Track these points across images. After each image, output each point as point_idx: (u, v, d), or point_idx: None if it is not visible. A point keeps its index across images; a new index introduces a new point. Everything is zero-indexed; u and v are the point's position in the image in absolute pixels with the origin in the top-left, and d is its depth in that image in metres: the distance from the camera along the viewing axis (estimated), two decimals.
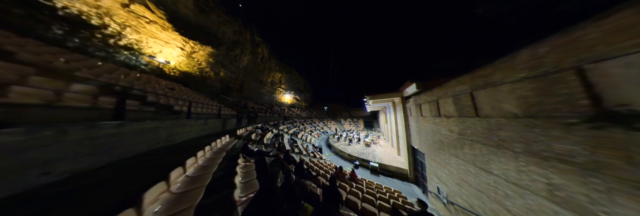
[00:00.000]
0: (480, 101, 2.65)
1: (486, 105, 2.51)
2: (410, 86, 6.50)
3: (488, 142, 2.49)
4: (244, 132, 5.75)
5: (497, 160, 2.35)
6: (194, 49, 11.68)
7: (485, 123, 2.55)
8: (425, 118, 5.65)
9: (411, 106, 7.46)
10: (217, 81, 14.24)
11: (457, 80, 3.25)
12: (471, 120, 2.91)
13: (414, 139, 7.67)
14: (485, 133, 2.54)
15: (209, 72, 13.38)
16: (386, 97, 9.32)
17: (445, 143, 4.17)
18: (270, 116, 14.84)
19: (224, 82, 15.19)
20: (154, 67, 9.32)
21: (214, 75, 13.88)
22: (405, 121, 8.63)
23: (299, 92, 33.84)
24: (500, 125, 2.27)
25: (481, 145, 2.65)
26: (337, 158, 11.90)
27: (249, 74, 19.49)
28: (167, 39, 9.60)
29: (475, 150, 2.84)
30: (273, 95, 25.91)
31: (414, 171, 8.35)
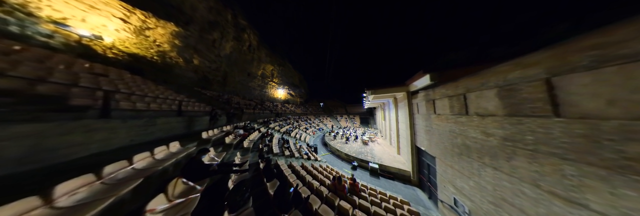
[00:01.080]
0: (570, 92, 1.65)
1: (588, 99, 1.52)
2: (420, 78, 5.49)
3: (586, 159, 1.54)
4: (216, 134, 4.57)
5: (605, 191, 1.42)
6: (147, 24, 8.67)
7: (580, 128, 1.57)
8: (440, 117, 4.73)
9: (420, 102, 6.52)
10: (189, 70, 11.50)
11: (515, 63, 2.22)
12: (540, 121, 1.94)
13: (420, 139, 6.84)
14: (579, 145, 1.58)
15: (176, 58, 10.55)
16: (389, 91, 8.33)
17: (473, 149, 3.26)
18: (259, 112, 13.51)
19: (201, 73, 12.65)
20: (71, 42, 6.01)
21: (184, 63, 11.05)
22: (410, 119, 7.75)
23: (294, 87, 32.10)
24: (625, 133, 1.30)
25: (563, 160, 1.71)
26: (333, 158, 11.05)
27: (234, 65, 16.92)
28: (92, 1, 6.41)
29: (544, 167, 1.90)
30: (264, 90, 23.63)
31: (418, 173, 7.64)
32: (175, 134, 4.20)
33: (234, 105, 11.13)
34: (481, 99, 2.93)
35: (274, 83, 25.82)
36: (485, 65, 3.07)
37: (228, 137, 4.55)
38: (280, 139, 8.37)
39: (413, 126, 7.68)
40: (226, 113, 6.46)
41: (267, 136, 7.66)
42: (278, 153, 5.77)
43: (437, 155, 5.09)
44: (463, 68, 4.39)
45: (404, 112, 9.18)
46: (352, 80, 60.52)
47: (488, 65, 2.82)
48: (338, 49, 53.83)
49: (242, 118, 8.61)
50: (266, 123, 11.54)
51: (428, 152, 5.95)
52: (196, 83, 12.54)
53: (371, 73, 58.80)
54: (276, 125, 13.10)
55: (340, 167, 9.57)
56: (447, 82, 4.35)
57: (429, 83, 5.02)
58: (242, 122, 7.78)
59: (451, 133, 4.11)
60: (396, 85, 7.96)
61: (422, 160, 7.23)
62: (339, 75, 61.94)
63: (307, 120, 22.55)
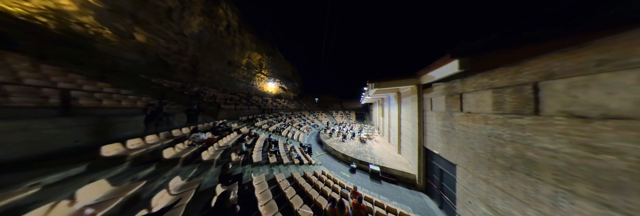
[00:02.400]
0: None
1: None
2: (443, 67, 4.25)
3: None
4: (149, 144, 2.88)
5: None
6: None
7: None
8: (471, 116, 3.62)
9: (435, 97, 5.38)
10: (131, 50, 8.14)
11: None
12: None
13: (432, 141, 5.83)
14: None
15: (96, 28, 7.13)
16: (396, 84, 7.10)
17: (547, 166, 2.16)
18: (244, 109, 11.77)
19: (154, 55, 9.35)
20: None
21: (116, 38, 7.62)
22: (418, 116, 6.67)
23: (286, 81, 29.70)
24: None
25: None
26: (329, 160, 10.02)
27: (207, 49, 13.76)
28: None
29: None
30: (251, 83, 20.72)
31: (425, 177, 6.80)
32: (51, 149, 2.34)
33: (208, 100, 9.24)
34: (593, 90, 1.73)
35: (262, 76, 22.93)
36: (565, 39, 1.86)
37: (175, 147, 3.03)
38: (266, 141, 7.01)
39: (422, 125, 6.65)
40: (187, 111, 4.62)
41: (251, 137, 6.27)
42: (260, 161, 4.45)
43: (460, 163, 4.08)
44: (506, 52, 3.16)
45: (409, 108, 8.10)
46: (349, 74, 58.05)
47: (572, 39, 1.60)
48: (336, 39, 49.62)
49: (217, 115, 7.05)
50: (251, 122, 10.00)
51: (444, 156, 4.95)
52: (146, 69, 9.09)
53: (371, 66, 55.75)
54: (264, 123, 11.58)
55: (338, 170, 8.57)
56: (487, 69, 3.16)
57: (455, 71, 3.79)
58: (217, 120, 6.24)
59: (492, 139, 3.01)
60: (405, 76, 6.72)
61: (431, 164, 6.32)
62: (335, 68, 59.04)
63: (301, 116, 21.19)
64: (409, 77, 6.63)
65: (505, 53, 2.86)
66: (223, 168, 2.62)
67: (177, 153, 3.01)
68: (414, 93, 6.94)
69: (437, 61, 4.47)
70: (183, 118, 4.54)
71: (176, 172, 2.52)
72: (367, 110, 32.06)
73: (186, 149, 3.23)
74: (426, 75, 5.68)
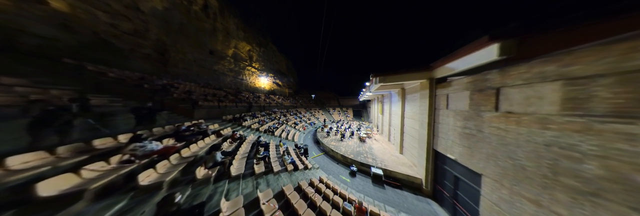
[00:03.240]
0: None
1: None
2: (473, 53, 3.32)
3: None
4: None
5: None
6: None
7: None
8: (509, 117, 2.77)
9: (454, 93, 4.51)
10: (43, 22, 5.66)
11: None
12: None
13: (445, 143, 5.05)
14: None
15: None
16: (405, 78, 6.17)
17: None
18: (230, 106, 10.12)
19: (90, 33, 7.01)
20: None
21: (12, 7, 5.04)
22: (429, 115, 5.86)
23: (280, 76, 27.59)
24: None
25: None
26: (327, 161, 9.23)
27: (179, 33, 11.39)
28: None
29: None
30: (241, 77, 18.31)
31: (434, 182, 6.14)
32: None
33: (181, 96, 7.75)
34: None
35: (253, 69, 20.43)
36: None
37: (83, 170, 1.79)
38: (254, 144, 5.97)
39: (432, 125, 5.85)
40: (135, 109, 3.33)
41: (235, 141, 5.24)
42: (241, 174, 3.45)
43: (489, 174, 3.31)
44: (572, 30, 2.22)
45: (417, 105, 7.27)
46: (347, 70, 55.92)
47: None
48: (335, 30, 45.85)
49: (193, 115, 5.90)
50: (238, 121, 8.86)
51: (462, 163, 4.19)
52: (79, 51, 6.61)
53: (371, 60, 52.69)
54: (255, 122, 10.34)
55: (337, 173, 7.79)
56: (542, 54, 2.27)
57: (493, 59, 2.88)
58: (192, 121, 5.11)
59: (554, 150, 2.18)
60: (415, 69, 5.79)
61: (442, 169, 5.62)
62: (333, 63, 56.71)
63: (297, 113, 20.16)
64: (421, 69, 5.70)
65: (584, 29, 1.94)
66: (162, 204, 1.53)
67: (84, 180, 1.72)
68: (424, 89, 6.07)
69: (464, 48, 3.52)
70: (131, 119, 3.26)
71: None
72: (365, 107, 31.42)
73: (113, 169, 1.98)
74: (443, 67, 4.76)
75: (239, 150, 4.74)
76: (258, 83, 21.68)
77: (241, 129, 8.24)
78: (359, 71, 49.52)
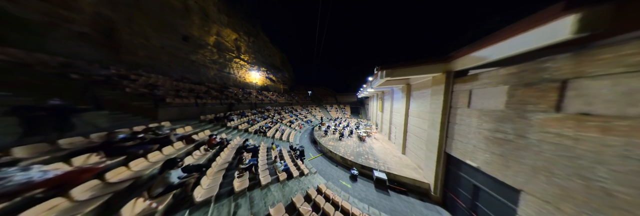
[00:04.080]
0: None
1: None
2: (527, 32, 2.39)
3: None
4: None
5: None
6: None
7: None
8: (584, 121, 1.94)
9: (481, 88, 3.67)
10: None
11: None
12: None
13: (462, 147, 4.30)
14: None
15: None
16: (415, 71, 5.26)
17: None
18: (212, 104, 8.72)
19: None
20: None
21: None
22: (442, 114, 5.06)
23: (274, 70, 25.48)
24: None
25: None
26: (325, 163, 8.45)
27: (134, 9, 8.86)
28: None
29: None
30: (227, 70, 16.01)
31: (444, 188, 5.50)
32: None
33: (137, 91, 6.08)
34: None
35: (243, 62, 18.07)
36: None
37: None
38: (239, 150, 4.91)
39: (446, 125, 5.08)
40: (20, 110, 2.00)
41: (213, 147, 4.23)
42: (211, 198, 2.48)
43: (535, 192, 2.55)
44: None
45: (425, 103, 6.46)
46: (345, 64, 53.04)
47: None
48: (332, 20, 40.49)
49: (157, 115, 4.75)
50: (221, 121, 7.42)
51: (490, 173, 3.45)
52: None
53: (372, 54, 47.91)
54: (243, 121, 9.11)
55: (336, 177, 7.05)
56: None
57: (563, 38, 1.99)
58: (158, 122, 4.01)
59: None
60: (429, 60, 4.87)
61: (455, 174, 4.93)
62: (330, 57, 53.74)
63: (293, 110, 19.11)
64: (436, 61, 4.79)
65: None
66: None
67: None
68: (438, 84, 5.21)
69: (507, 29, 2.60)
70: (14, 126, 1.99)
71: None
72: (363, 104, 30.77)
73: None
74: (467, 57, 3.86)
75: (216, 160, 3.75)
76: (249, 78, 19.62)
77: (225, 131, 6.97)
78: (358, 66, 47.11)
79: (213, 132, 5.92)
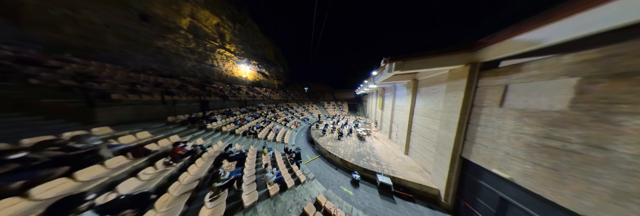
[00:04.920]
0: None
1: None
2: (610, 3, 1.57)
3: None
4: None
5: None
6: None
7: None
8: None
9: (527, 83, 2.85)
10: None
11: None
12: None
13: (486, 153, 3.56)
14: None
15: None
16: (432, 63, 4.37)
17: None
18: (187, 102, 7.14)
19: None
20: None
21: None
22: (461, 114, 4.29)
23: (267, 64, 23.25)
24: None
25: None
26: (323, 166, 7.69)
27: None
28: None
29: None
30: (209, 62, 13.62)
31: (457, 195, 4.90)
32: None
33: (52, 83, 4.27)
34: None
35: (229, 53, 15.61)
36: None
37: None
38: (221, 157, 3.90)
39: (465, 127, 4.33)
40: None
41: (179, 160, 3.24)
42: None
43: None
44: None
45: (438, 100, 5.68)
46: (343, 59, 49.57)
47: None
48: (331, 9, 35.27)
49: (94, 118, 3.46)
50: (199, 122, 6.03)
51: (530, 188, 2.73)
52: None
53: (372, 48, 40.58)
54: (229, 122, 7.73)
55: (336, 183, 6.31)
56: None
57: None
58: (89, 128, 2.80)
59: None
60: (450, 50, 3.98)
61: (473, 182, 4.29)
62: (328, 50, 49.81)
63: (289, 108, 18.06)
64: (459, 50, 3.91)
65: None
66: None
67: None
68: (457, 79, 4.38)
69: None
70: None
71: None
72: (361, 101, 30.09)
73: None
74: (507, 43, 3.00)
75: (179, 179, 2.73)
76: (237, 72, 17.28)
77: (203, 135, 5.55)
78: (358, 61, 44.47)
79: (183, 138, 4.59)
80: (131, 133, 3.54)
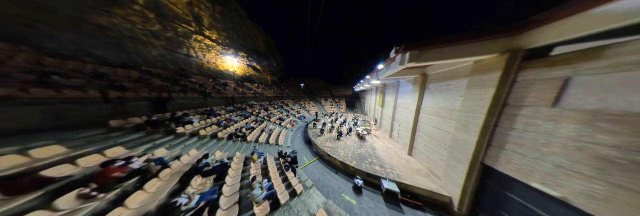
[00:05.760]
0: None
1: None
2: None
3: None
4: None
5: None
6: None
7: None
8: None
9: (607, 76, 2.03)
10: None
11: None
12: None
13: (522, 162, 2.76)
14: None
15: None
16: (458, 53, 3.47)
17: None
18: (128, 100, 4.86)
19: None
20: None
21: None
22: (487, 115, 3.52)
23: (258, 57, 20.61)
24: None
25: None
26: (322, 169, 6.91)
27: None
28: None
29: None
30: (184, 51, 11.42)
31: (473, 205, 4.30)
32: None
33: None
34: None
35: (209, 42, 13.15)
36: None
37: None
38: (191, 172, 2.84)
39: (492, 129, 3.59)
40: None
41: (108, 189, 2.22)
42: None
43: None
44: None
45: (452, 98, 4.89)
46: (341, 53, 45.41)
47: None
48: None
49: None
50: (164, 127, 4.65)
51: (597, 214, 2.05)
52: None
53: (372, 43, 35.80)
54: (210, 123, 6.26)
55: (337, 190, 5.56)
56: None
57: None
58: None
59: None
60: (485, 34, 3.09)
61: (496, 192, 3.66)
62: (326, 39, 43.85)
63: (283, 105, 16.98)
64: (497, 34, 3.03)
65: None
66: None
67: None
68: (486, 72, 3.55)
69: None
70: None
71: None
72: (358, 98, 29.37)
73: None
74: (580, 18, 2.12)
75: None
76: (223, 64, 14.79)
77: (169, 143, 4.17)
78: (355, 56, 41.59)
79: (132, 151, 3.13)
80: (20, 151, 2.02)
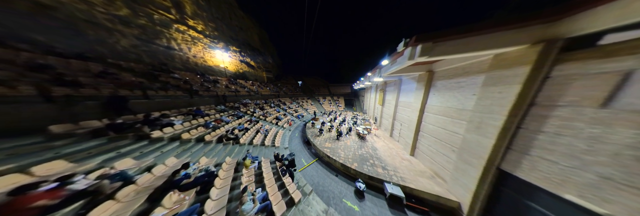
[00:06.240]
0: None
1: None
2: None
3: None
4: None
5: None
6: None
7: None
8: None
9: None
10: None
11: None
12: None
13: (552, 171, 2.29)
14: None
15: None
16: (483, 45, 2.96)
17: None
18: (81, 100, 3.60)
19: None
20: None
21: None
22: (508, 116, 3.07)
23: (253, 53, 19.07)
24: None
25: None
26: (322, 172, 6.48)
27: None
28: None
29: None
30: (164, 43, 10.13)
31: (485, 212, 3.97)
32: None
33: None
34: None
35: (195, 33, 11.78)
36: None
37: None
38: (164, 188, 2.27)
39: (514, 132, 3.17)
40: None
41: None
42: None
43: None
44: None
45: (463, 97, 4.44)
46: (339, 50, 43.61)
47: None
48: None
49: None
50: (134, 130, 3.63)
51: None
52: None
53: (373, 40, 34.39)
54: (197, 125, 5.44)
55: (338, 195, 5.15)
56: None
57: None
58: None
59: None
60: (523, 19, 2.57)
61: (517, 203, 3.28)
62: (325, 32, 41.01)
63: (280, 104, 16.35)
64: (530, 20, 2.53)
65: None
66: None
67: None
68: (510, 67, 3.08)
69: None
70: None
71: None
72: (357, 96, 28.93)
73: None
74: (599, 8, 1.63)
75: None
76: (212, 60, 13.37)
77: (138, 151, 3.33)
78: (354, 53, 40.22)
79: (79, 164, 2.36)
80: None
